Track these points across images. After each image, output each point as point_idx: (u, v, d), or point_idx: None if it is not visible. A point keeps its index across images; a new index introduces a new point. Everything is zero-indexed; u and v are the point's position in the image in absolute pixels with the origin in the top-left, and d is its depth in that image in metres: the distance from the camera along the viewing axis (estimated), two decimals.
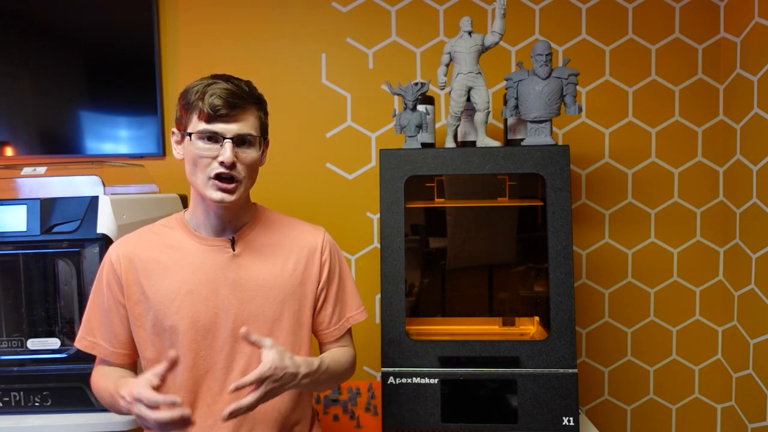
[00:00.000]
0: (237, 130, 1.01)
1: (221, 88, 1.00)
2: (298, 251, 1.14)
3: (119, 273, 1.07)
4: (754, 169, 1.71)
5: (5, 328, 1.40)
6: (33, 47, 1.86)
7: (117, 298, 1.08)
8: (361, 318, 1.21)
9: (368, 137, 1.92)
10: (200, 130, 1.00)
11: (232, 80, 1.03)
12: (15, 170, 1.50)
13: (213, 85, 1.00)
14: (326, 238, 1.19)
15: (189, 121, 1.03)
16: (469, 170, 1.37)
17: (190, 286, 1.06)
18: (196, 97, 1.00)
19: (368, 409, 1.57)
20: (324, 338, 1.19)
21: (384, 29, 1.90)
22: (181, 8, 1.91)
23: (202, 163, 1.01)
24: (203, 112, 0.99)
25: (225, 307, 1.06)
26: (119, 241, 1.12)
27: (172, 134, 1.08)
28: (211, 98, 0.99)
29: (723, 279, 1.89)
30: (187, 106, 1.02)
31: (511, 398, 1.34)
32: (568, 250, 1.35)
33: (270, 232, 1.15)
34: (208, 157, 1.01)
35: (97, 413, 1.34)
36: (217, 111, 0.99)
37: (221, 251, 1.09)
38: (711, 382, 1.92)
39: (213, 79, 1.02)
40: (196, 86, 1.02)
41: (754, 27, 1.70)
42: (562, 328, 1.34)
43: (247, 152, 1.04)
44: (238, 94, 1.01)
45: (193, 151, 1.02)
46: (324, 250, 1.17)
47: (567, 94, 1.40)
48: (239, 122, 1.02)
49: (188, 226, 1.11)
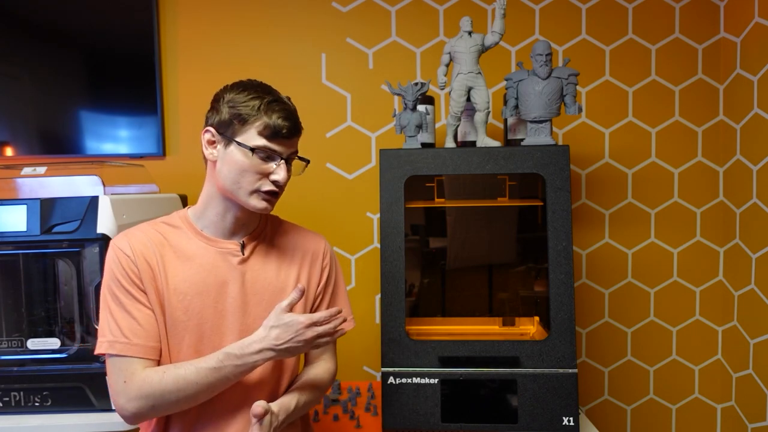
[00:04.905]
0: (292, 151, 1.07)
1: (284, 108, 1.03)
2: (302, 256, 1.16)
3: (136, 263, 1.02)
4: (754, 169, 1.71)
5: (5, 328, 1.40)
6: (33, 47, 1.86)
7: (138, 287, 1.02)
8: (349, 327, 1.19)
9: (368, 137, 1.92)
10: (261, 146, 1.01)
11: (282, 99, 1.05)
12: (15, 170, 1.50)
13: (274, 102, 1.02)
14: (327, 245, 1.22)
15: (242, 131, 1.01)
16: (469, 170, 1.37)
17: (200, 287, 1.05)
18: (256, 111, 1.00)
19: (368, 409, 1.57)
20: None
21: (384, 29, 1.90)
22: (181, 8, 1.91)
23: (253, 177, 1.02)
24: (268, 128, 1.00)
25: (232, 310, 1.06)
26: (123, 234, 1.05)
27: (205, 133, 1.05)
28: (278, 119, 1.01)
29: (723, 279, 1.89)
30: (242, 116, 1.01)
31: (511, 398, 1.34)
32: (568, 250, 1.34)
33: (278, 237, 1.16)
34: (261, 173, 1.02)
35: (97, 413, 1.34)
36: (283, 132, 1.02)
37: (231, 254, 1.08)
38: (711, 382, 1.92)
39: (267, 94, 1.03)
40: (252, 97, 1.01)
41: (754, 27, 1.70)
42: (562, 328, 1.34)
43: (290, 170, 1.08)
44: (296, 116, 1.06)
45: (244, 162, 1.01)
46: (325, 256, 1.20)
47: (567, 94, 1.40)
48: (294, 143, 1.07)
49: (194, 226, 1.10)
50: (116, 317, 1.00)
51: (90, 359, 1.35)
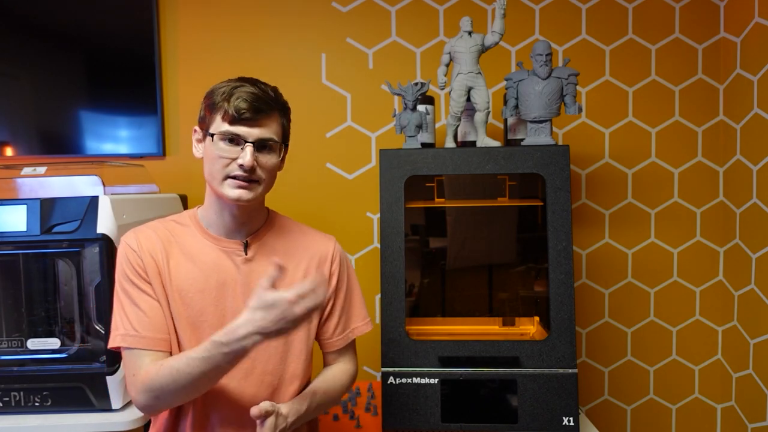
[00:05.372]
0: (259, 135, 1.01)
1: (247, 91, 1.00)
2: (308, 259, 1.14)
3: (143, 258, 1.04)
4: (754, 169, 1.71)
5: (5, 328, 1.40)
6: (33, 47, 1.86)
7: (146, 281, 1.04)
8: (365, 329, 1.20)
9: (368, 137, 1.92)
10: (223, 131, 1.00)
11: (258, 84, 1.03)
12: (15, 170, 1.50)
13: (240, 87, 1.00)
14: (336, 247, 1.19)
15: (212, 122, 1.03)
16: (469, 170, 1.37)
17: (201, 285, 1.05)
18: (222, 98, 1.00)
19: (368, 409, 1.57)
20: (327, 347, 1.19)
21: (384, 29, 1.90)
22: (181, 9, 1.91)
23: (221, 164, 1.01)
24: (228, 113, 0.99)
25: (233, 310, 1.06)
26: (133, 231, 1.08)
27: (194, 132, 1.08)
28: (237, 101, 0.99)
29: (723, 279, 1.89)
30: (212, 106, 1.02)
31: (511, 398, 1.34)
32: (568, 250, 1.34)
33: (282, 237, 1.15)
34: (228, 158, 1.01)
35: (97, 413, 1.34)
36: (242, 114, 0.99)
37: (234, 254, 1.08)
38: (711, 382, 1.92)
39: (240, 82, 1.02)
40: (223, 87, 1.02)
41: (754, 27, 1.70)
42: (562, 328, 1.34)
43: (267, 157, 1.04)
44: (263, 98, 1.01)
45: (213, 152, 1.02)
46: (334, 260, 1.17)
47: (567, 94, 1.40)
48: (262, 127, 1.02)
49: (201, 224, 1.11)
50: (126, 311, 1.03)
51: (90, 359, 1.35)
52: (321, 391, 1.11)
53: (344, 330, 1.18)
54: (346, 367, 1.19)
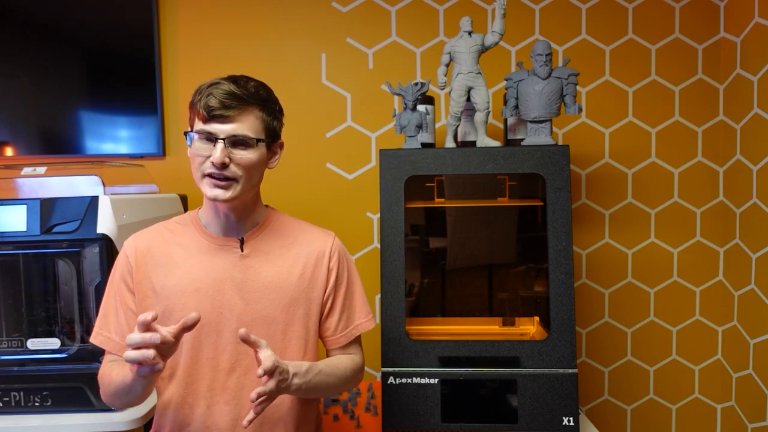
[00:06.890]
0: (230, 131, 1.01)
1: (222, 89, 1.00)
2: (306, 255, 1.14)
3: (133, 266, 1.08)
4: (754, 169, 1.71)
5: (5, 328, 1.40)
6: (33, 47, 1.86)
7: (130, 291, 1.09)
8: (369, 326, 1.20)
9: (368, 137, 1.92)
10: (198, 129, 1.02)
11: (238, 81, 1.03)
12: (15, 170, 1.50)
13: (215, 86, 1.01)
14: (335, 243, 1.18)
15: (192, 121, 1.05)
16: (469, 170, 1.37)
17: (198, 284, 1.06)
18: (198, 97, 1.02)
19: (368, 409, 1.57)
20: (330, 345, 1.19)
21: (384, 29, 1.90)
22: (181, 8, 1.91)
23: (197, 162, 1.03)
24: (200, 112, 1.01)
25: (230, 307, 1.07)
26: (135, 235, 1.13)
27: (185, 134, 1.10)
28: (207, 98, 1.00)
29: (723, 279, 1.89)
30: (191, 105, 1.04)
31: (511, 398, 1.34)
32: (568, 250, 1.34)
33: (280, 234, 1.15)
34: (203, 156, 1.01)
35: (97, 413, 1.34)
36: (211, 111, 1.00)
37: (230, 251, 1.09)
38: (711, 382, 1.92)
39: (220, 80, 1.03)
40: (202, 86, 1.03)
41: (754, 27, 1.70)
42: (562, 328, 1.34)
43: (243, 153, 1.03)
44: (236, 95, 1.01)
45: (191, 150, 1.04)
46: (332, 256, 1.16)
47: (567, 94, 1.40)
48: (234, 123, 1.01)
49: (200, 223, 1.13)
50: (107, 311, 1.10)
51: (90, 359, 1.35)
52: (323, 365, 1.09)
53: (346, 327, 1.18)
54: (351, 356, 1.18)
